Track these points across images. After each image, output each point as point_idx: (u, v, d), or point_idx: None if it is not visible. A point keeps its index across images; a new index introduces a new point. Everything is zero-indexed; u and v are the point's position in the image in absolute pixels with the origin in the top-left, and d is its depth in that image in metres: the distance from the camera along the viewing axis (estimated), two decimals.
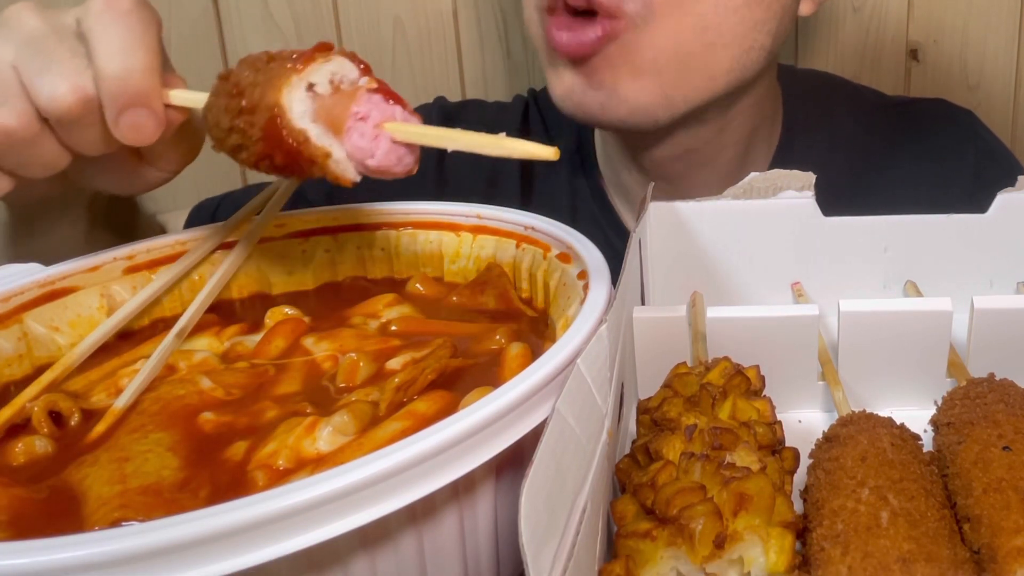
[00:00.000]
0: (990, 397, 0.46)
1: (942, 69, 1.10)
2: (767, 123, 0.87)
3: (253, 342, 0.51)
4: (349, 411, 0.42)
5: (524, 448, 0.37)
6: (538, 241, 0.55)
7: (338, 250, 0.59)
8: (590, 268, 0.48)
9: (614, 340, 0.43)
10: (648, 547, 0.38)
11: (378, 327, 0.52)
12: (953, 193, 0.84)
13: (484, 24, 1.09)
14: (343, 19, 1.08)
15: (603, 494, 0.41)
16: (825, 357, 0.54)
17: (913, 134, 0.90)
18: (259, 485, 0.38)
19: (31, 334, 0.51)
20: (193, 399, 0.45)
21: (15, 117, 0.48)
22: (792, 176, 0.60)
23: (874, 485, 0.40)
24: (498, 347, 0.49)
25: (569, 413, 0.36)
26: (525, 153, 0.42)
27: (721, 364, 0.49)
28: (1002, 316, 0.52)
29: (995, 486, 0.40)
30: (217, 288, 0.54)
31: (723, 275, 0.62)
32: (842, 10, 1.09)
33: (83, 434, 0.43)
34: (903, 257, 0.62)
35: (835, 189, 0.64)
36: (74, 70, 0.48)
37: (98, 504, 0.38)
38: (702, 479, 0.40)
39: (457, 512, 0.39)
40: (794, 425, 0.53)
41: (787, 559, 0.38)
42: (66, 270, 0.53)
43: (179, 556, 0.30)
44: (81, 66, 0.48)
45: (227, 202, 0.91)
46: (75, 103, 0.47)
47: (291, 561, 0.32)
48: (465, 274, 0.58)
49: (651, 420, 0.46)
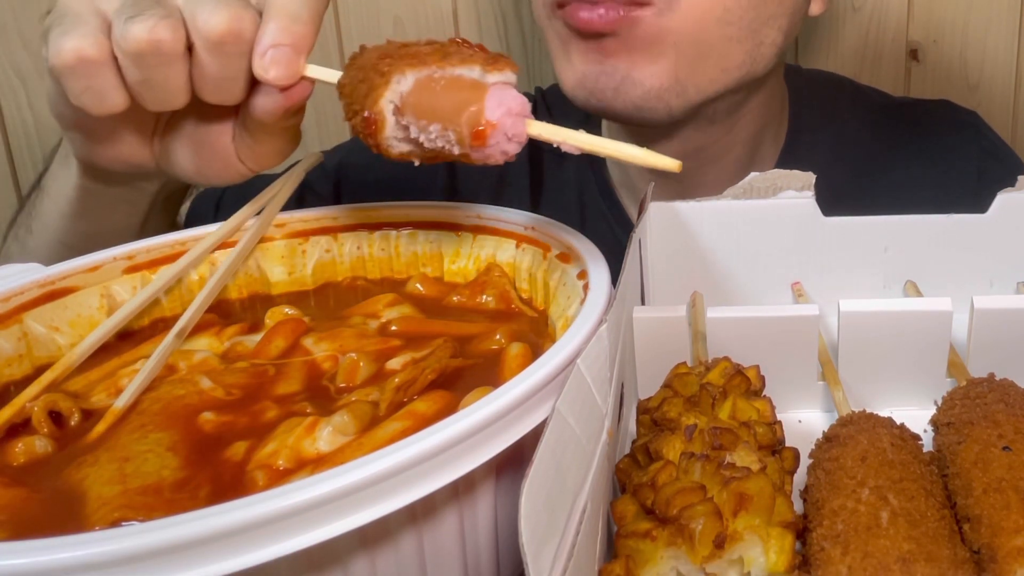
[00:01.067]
0: (990, 397, 0.46)
1: (942, 69, 1.10)
2: (774, 122, 0.87)
3: (253, 342, 0.51)
4: (349, 411, 0.42)
5: (524, 448, 0.37)
6: (538, 241, 0.55)
7: (338, 250, 0.59)
8: (590, 268, 0.48)
9: (614, 340, 0.43)
10: (648, 547, 0.38)
11: (378, 327, 0.52)
12: (957, 194, 0.84)
13: (484, 24, 1.09)
14: (343, 19, 1.08)
15: (603, 494, 0.41)
16: (825, 357, 0.54)
17: (917, 135, 0.90)
18: (259, 485, 0.38)
19: (31, 334, 0.51)
20: (193, 399, 0.45)
21: (170, 31, 0.48)
22: (792, 176, 0.60)
23: (874, 485, 0.40)
24: (498, 347, 0.49)
25: (569, 413, 0.36)
26: (648, 163, 0.44)
27: (721, 364, 0.49)
28: (1002, 316, 0.52)
29: (995, 486, 0.40)
30: (217, 288, 0.54)
31: (723, 275, 0.62)
32: (842, 10, 1.09)
33: (83, 434, 0.43)
34: (903, 257, 0.62)
35: (839, 190, 0.64)
36: (239, 5, 0.49)
37: (98, 504, 0.38)
38: (702, 479, 0.40)
39: (457, 512, 0.39)
40: (794, 425, 0.53)
41: (787, 559, 0.38)
42: (66, 270, 0.53)
43: (179, 556, 0.30)
44: (244, 5, 0.49)
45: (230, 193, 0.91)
46: (227, 31, 0.48)
47: (291, 561, 0.32)
48: (465, 274, 0.58)
49: (651, 420, 0.46)
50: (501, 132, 0.45)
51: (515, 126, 0.45)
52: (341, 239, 0.59)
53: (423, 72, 0.46)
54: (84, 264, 0.54)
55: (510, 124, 0.45)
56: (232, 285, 0.57)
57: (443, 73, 0.46)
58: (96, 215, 0.65)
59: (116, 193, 0.64)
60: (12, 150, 1.11)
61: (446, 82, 0.45)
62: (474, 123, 0.44)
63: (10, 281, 0.51)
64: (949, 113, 0.93)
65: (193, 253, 0.55)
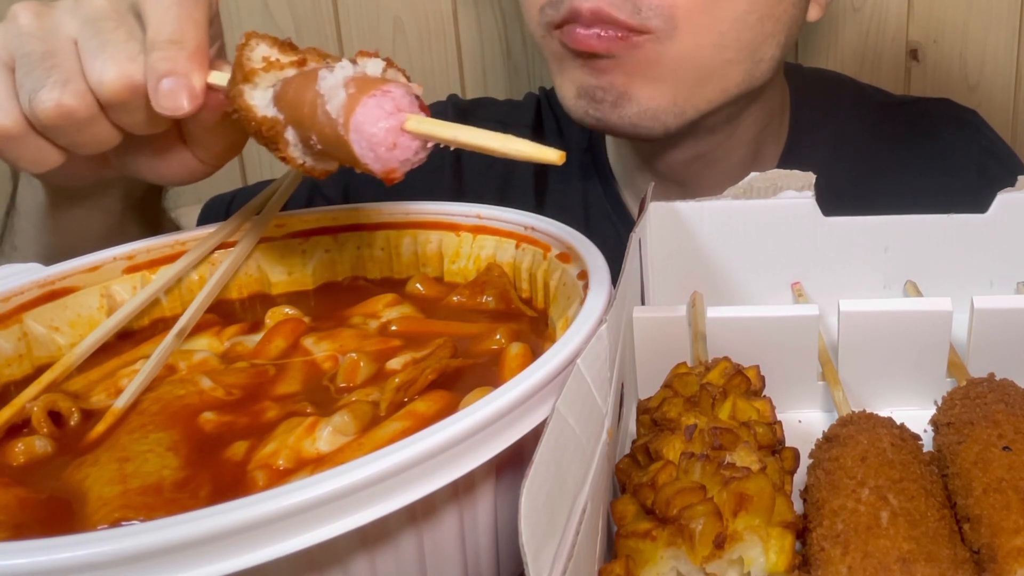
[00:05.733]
0: (990, 397, 0.46)
1: (942, 69, 1.10)
2: (776, 121, 0.87)
3: (253, 342, 0.51)
4: (349, 411, 0.42)
5: (524, 448, 0.37)
6: (538, 241, 0.55)
7: (338, 250, 0.59)
8: (590, 268, 0.48)
9: (614, 340, 0.43)
10: (648, 547, 0.38)
11: (378, 327, 0.52)
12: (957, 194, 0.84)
13: (484, 24, 1.09)
14: (343, 19, 1.08)
15: (603, 494, 0.41)
16: (825, 357, 0.54)
17: (918, 134, 0.90)
18: (259, 485, 0.38)
19: (31, 334, 0.51)
20: (193, 399, 0.45)
21: (76, 97, 0.48)
22: (792, 176, 0.60)
23: (874, 485, 0.40)
24: (498, 347, 0.49)
25: (569, 413, 0.36)
26: (531, 155, 0.41)
27: (721, 364, 0.49)
28: (1002, 316, 0.52)
29: (995, 486, 0.40)
30: (217, 288, 0.54)
31: (723, 275, 0.62)
32: (842, 10, 1.09)
33: (83, 434, 0.43)
34: (903, 257, 0.62)
35: (840, 190, 0.64)
36: (126, 54, 0.49)
37: (99, 504, 0.38)
38: (702, 479, 0.40)
39: (457, 512, 0.39)
40: (794, 425, 0.53)
41: (787, 559, 0.38)
42: (66, 270, 0.53)
43: (179, 556, 0.30)
44: (134, 50, 0.49)
45: (240, 196, 0.91)
46: (122, 88, 0.48)
47: (291, 561, 0.32)
48: (465, 274, 0.58)
49: (651, 420, 0.46)
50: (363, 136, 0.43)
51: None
52: (341, 239, 0.59)
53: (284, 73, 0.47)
54: (84, 264, 0.54)
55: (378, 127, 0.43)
56: (232, 285, 0.57)
57: (299, 72, 0.46)
58: (71, 227, 0.64)
59: (85, 204, 0.63)
60: None
61: (298, 81, 0.46)
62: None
63: (10, 281, 0.51)
64: (950, 112, 0.93)
65: (193, 253, 0.55)
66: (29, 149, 0.50)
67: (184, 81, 0.48)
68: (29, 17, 0.50)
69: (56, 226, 0.64)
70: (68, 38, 0.50)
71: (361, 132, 0.43)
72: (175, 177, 0.56)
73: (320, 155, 0.47)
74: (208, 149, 0.54)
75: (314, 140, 0.45)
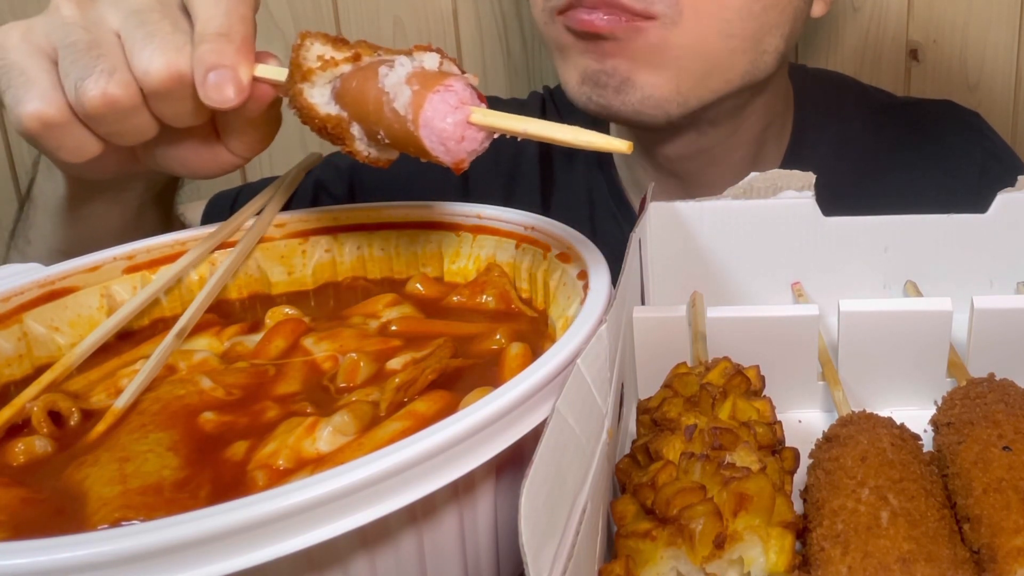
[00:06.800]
0: (990, 397, 0.46)
1: (942, 69, 1.10)
2: (778, 121, 0.87)
3: (253, 342, 0.51)
4: (349, 411, 0.42)
5: (524, 448, 0.37)
6: (538, 241, 0.55)
7: (338, 250, 0.59)
8: (590, 268, 0.48)
9: (614, 340, 0.43)
10: (648, 547, 0.38)
11: (378, 327, 0.52)
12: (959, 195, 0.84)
13: (484, 24, 1.09)
14: (343, 19, 1.08)
15: (603, 494, 0.41)
16: (825, 357, 0.54)
17: (920, 135, 0.90)
18: (259, 485, 0.38)
19: (31, 334, 0.51)
20: (193, 399, 0.45)
21: (122, 87, 0.49)
22: (792, 176, 0.60)
23: (874, 485, 0.40)
24: (498, 347, 0.49)
25: (569, 413, 0.36)
26: (601, 146, 0.43)
27: (721, 364, 0.49)
28: (1002, 316, 0.52)
29: (995, 486, 0.40)
30: (217, 288, 0.54)
31: (723, 275, 0.62)
32: (842, 10, 1.09)
33: (83, 434, 0.43)
34: (903, 257, 0.62)
35: (842, 190, 0.64)
36: (173, 45, 0.49)
37: (99, 504, 0.38)
38: (702, 479, 0.40)
39: (457, 512, 0.39)
40: (794, 425, 0.53)
41: (787, 559, 0.38)
42: (66, 270, 0.53)
43: (179, 556, 0.30)
44: (180, 41, 0.49)
45: (245, 192, 0.91)
46: (168, 78, 0.49)
47: (291, 561, 0.32)
48: (465, 274, 0.58)
49: (651, 420, 0.46)
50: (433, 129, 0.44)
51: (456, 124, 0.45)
52: (341, 239, 0.59)
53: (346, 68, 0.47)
54: (84, 264, 0.54)
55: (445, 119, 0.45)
56: (232, 285, 0.57)
57: (359, 66, 0.47)
58: (89, 220, 0.65)
59: (105, 197, 0.64)
60: (12, 150, 1.11)
61: (358, 78, 0.46)
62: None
63: (10, 281, 0.51)
64: (953, 114, 0.93)
65: (193, 253, 0.55)
66: (71, 138, 0.50)
67: (231, 73, 0.49)
68: (72, 8, 0.51)
69: (74, 219, 0.65)
70: (111, 29, 0.50)
71: (431, 128, 0.44)
72: (205, 170, 0.57)
73: (385, 147, 0.48)
74: (244, 141, 0.55)
75: (382, 135, 0.46)
